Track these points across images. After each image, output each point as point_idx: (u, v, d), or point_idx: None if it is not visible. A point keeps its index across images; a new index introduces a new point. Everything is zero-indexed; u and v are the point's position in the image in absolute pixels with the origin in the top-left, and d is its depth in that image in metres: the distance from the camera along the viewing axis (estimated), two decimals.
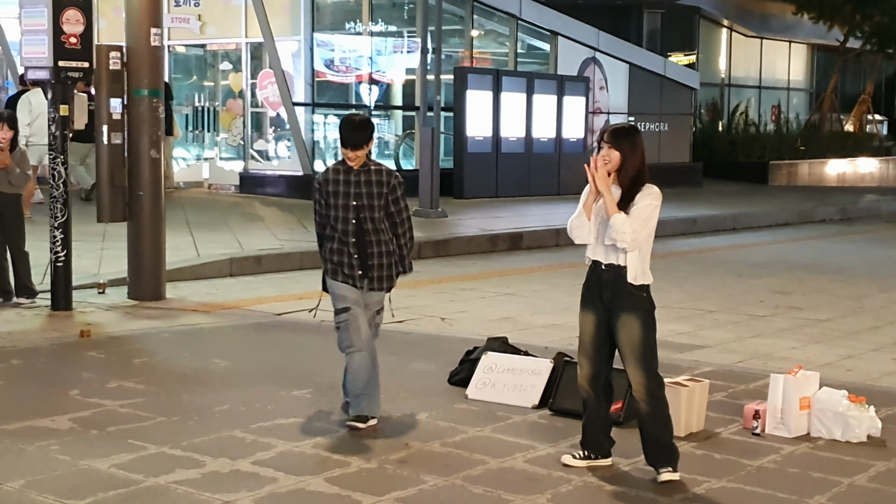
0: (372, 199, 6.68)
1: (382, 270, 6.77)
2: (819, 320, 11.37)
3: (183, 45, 22.92)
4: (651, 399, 5.84)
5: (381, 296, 6.90)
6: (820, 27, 39.09)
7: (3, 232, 10.54)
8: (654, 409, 5.84)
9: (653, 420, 5.83)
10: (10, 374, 7.95)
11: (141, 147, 10.98)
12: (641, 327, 5.83)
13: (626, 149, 5.77)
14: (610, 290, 5.84)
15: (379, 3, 23.14)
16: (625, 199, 5.74)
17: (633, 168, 5.77)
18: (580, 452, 6.04)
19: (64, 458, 5.98)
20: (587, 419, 6.07)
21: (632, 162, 5.77)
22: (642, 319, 5.83)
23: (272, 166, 22.10)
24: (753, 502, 5.68)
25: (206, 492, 5.49)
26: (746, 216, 22.35)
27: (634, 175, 5.77)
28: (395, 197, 6.79)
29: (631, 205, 5.73)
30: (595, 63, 27.38)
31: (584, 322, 6.04)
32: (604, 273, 5.86)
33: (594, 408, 6.03)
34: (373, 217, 6.70)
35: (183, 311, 10.70)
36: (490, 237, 17.05)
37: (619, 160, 5.77)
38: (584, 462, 6.00)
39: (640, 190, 5.78)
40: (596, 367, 5.99)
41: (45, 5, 10.20)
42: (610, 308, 5.86)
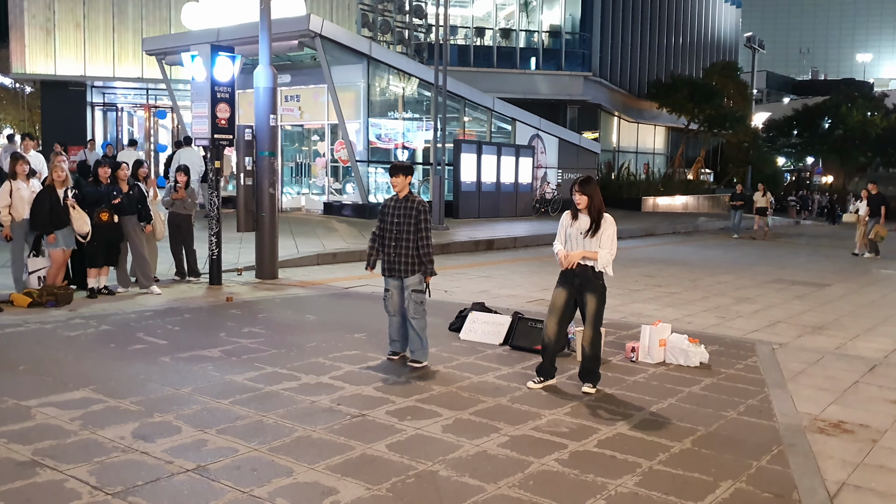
0: (409, 220, 6.39)
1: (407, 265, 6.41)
2: (671, 293, 11.37)
3: (289, 125, 22.98)
4: (592, 345, 5.87)
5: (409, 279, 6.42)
6: (673, 116, 39.36)
7: (181, 237, 10.64)
8: (593, 350, 5.88)
9: (590, 356, 5.88)
10: (183, 322, 8.05)
11: (263, 187, 11.04)
12: (598, 303, 5.83)
13: (590, 192, 5.73)
14: (580, 278, 5.80)
15: (408, 99, 23.17)
16: (595, 226, 5.72)
17: (597, 203, 5.74)
18: (537, 378, 6.03)
19: (215, 374, 6.09)
20: (545, 357, 6.03)
21: (596, 199, 5.73)
22: (599, 298, 5.83)
23: (343, 198, 22.15)
24: (630, 402, 5.74)
25: (300, 395, 5.60)
26: (628, 230, 22.38)
27: (599, 208, 5.75)
28: (420, 218, 6.40)
29: (599, 230, 5.71)
30: (538, 137, 27.40)
31: (558, 295, 5.93)
32: (576, 269, 5.79)
33: (552, 350, 6.01)
34: (406, 231, 6.38)
35: (288, 286, 10.75)
36: (474, 241, 17.08)
37: (587, 201, 5.72)
38: (541, 384, 5.98)
39: (602, 218, 5.74)
40: (560, 325, 5.96)
41: (206, 101, 10.29)
42: (579, 289, 5.83)
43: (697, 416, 5.42)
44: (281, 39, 17.29)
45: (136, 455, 4.37)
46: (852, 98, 48.40)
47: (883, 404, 5.93)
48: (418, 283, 6.43)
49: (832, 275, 14.43)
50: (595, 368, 5.91)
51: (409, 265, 6.40)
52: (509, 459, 4.48)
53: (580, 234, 5.76)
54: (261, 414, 5.14)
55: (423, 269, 6.43)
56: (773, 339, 8.25)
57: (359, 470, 4.25)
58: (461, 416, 5.23)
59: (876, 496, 4.19)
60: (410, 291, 6.42)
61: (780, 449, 4.81)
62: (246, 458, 4.38)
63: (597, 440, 4.86)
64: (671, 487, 4.17)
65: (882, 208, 18.40)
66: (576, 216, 5.85)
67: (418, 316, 6.44)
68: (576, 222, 5.83)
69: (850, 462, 4.67)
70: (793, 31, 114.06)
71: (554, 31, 34.42)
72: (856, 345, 8.15)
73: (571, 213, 5.89)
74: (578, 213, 5.81)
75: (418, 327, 6.45)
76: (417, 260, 6.41)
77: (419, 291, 6.44)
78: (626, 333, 8.05)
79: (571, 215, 5.89)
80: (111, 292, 9.43)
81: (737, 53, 49.99)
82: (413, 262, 6.40)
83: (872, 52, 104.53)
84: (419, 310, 6.44)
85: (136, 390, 5.57)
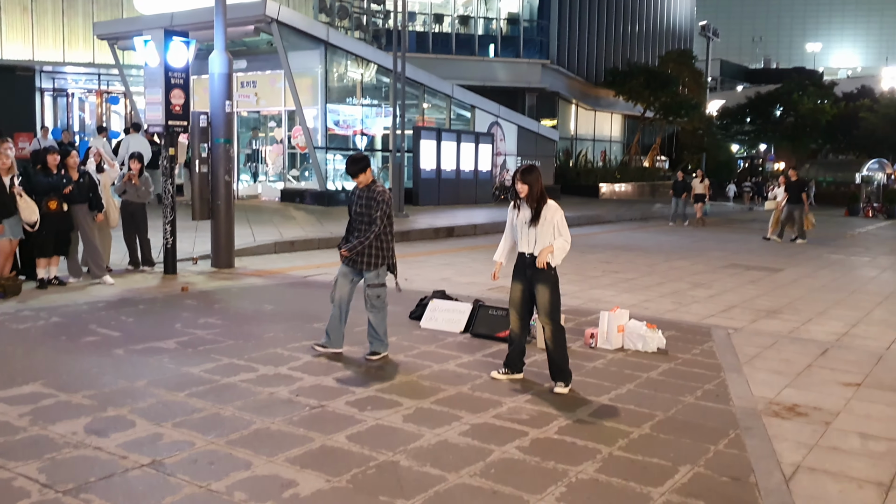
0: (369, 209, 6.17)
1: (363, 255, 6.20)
2: (628, 279, 11.45)
3: (245, 111, 22.64)
4: (554, 340, 5.68)
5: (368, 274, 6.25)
6: (629, 104, 39.68)
7: (134, 225, 10.41)
8: (556, 345, 5.67)
9: (554, 351, 5.69)
10: (137, 313, 7.87)
11: (219, 174, 10.85)
12: (550, 293, 5.68)
13: (530, 181, 5.61)
14: (531, 269, 5.69)
15: (366, 86, 23.00)
16: (536, 213, 5.60)
17: (537, 192, 5.61)
18: (503, 370, 5.94)
19: (171, 366, 5.97)
20: (512, 349, 5.91)
21: (536, 189, 5.61)
22: (550, 288, 5.68)
23: (301, 185, 21.93)
24: (589, 388, 5.76)
25: (258, 386, 5.52)
26: (586, 217, 22.51)
27: (538, 197, 5.61)
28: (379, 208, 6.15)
29: (541, 217, 5.59)
30: (497, 125, 27.43)
31: (515, 288, 5.81)
32: (527, 259, 5.69)
33: (518, 342, 5.89)
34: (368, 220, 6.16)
35: (245, 275, 10.59)
36: (434, 229, 17.03)
37: (527, 190, 5.60)
38: (506, 376, 5.88)
39: (544, 204, 5.61)
40: (521, 317, 5.83)
41: (160, 87, 10.06)
42: (531, 280, 5.72)
43: (656, 402, 5.46)
44: (236, 25, 17.00)
45: (89, 451, 4.26)
46: (803, 86, 49.25)
47: (835, 387, 6.04)
48: (375, 277, 6.26)
49: (784, 259, 14.69)
50: (564, 366, 5.67)
51: (369, 258, 6.20)
52: (470, 448, 4.46)
53: (524, 224, 5.66)
54: (218, 406, 5.04)
55: (382, 263, 6.24)
56: (728, 323, 8.36)
57: (318, 462, 4.19)
58: (422, 405, 5.20)
59: (829, 477, 4.26)
60: (367, 286, 6.26)
61: (736, 433, 4.87)
62: (203, 452, 4.29)
63: (557, 427, 4.86)
64: (631, 473, 4.19)
65: (802, 195, 18.33)
66: (518, 206, 5.74)
67: (376, 309, 6.28)
68: (520, 213, 5.72)
69: (805, 444, 4.74)
70: (745, 20, 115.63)
71: (512, 18, 34.41)
72: (809, 328, 8.30)
73: (515, 204, 5.78)
74: (521, 202, 5.71)
75: (376, 321, 6.30)
76: (378, 253, 6.21)
77: (375, 286, 6.26)
78: (584, 320, 8.09)
79: (515, 206, 5.78)
80: (62, 283, 9.19)
81: (692, 42, 50.51)
82: (374, 255, 6.20)
83: (822, 41, 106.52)
84: (377, 303, 6.27)
85: (88, 384, 5.43)
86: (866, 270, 13.66)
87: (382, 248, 6.22)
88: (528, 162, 5.53)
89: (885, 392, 5.94)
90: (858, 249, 17.58)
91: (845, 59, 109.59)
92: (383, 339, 6.37)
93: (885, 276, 13.01)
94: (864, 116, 45.98)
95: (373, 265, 6.22)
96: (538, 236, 5.62)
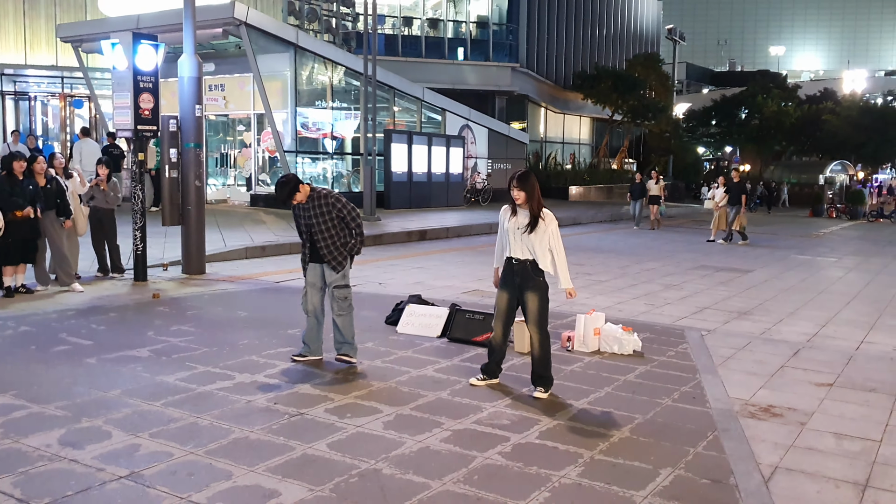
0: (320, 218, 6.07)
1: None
2: (601, 281, 11.52)
3: (214, 115, 22.42)
4: (540, 347, 5.67)
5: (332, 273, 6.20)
6: (598, 107, 39.98)
7: (103, 232, 10.26)
8: (542, 352, 5.66)
9: (539, 359, 5.67)
10: (108, 322, 7.75)
11: (189, 179, 10.74)
12: (539, 301, 5.64)
13: (527, 188, 5.55)
14: (520, 276, 5.63)
15: (336, 89, 22.90)
16: (533, 221, 5.54)
17: (536, 201, 5.56)
18: (481, 376, 5.89)
19: (145, 375, 5.89)
20: (491, 357, 5.86)
21: (535, 197, 5.56)
22: (540, 296, 5.64)
23: (270, 189, 21.76)
24: (568, 391, 5.78)
25: (235, 395, 5.47)
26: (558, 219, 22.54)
27: (537, 204, 5.57)
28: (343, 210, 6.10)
29: (538, 226, 5.54)
30: (468, 128, 27.45)
31: (501, 298, 5.74)
32: (515, 266, 5.62)
33: (498, 350, 5.85)
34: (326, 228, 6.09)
35: (217, 280, 10.50)
36: (407, 232, 17.00)
37: (525, 197, 5.54)
38: (484, 382, 5.84)
39: (541, 213, 5.57)
40: (505, 326, 5.80)
41: (129, 90, 9.92)
42: (520, 288, 5.66)
43: (634, 405, 5.50)
44: (205, 27, 16.82)
45: (65, 463, 4.18)
46: (768, 89, 49.98)
47: (808, 387, 6.13)
48: (341, 278, 6.19)
49: (753, 260, 14.89)
50: (546, 372, 5.68)
51: (336, 258, 6.13)
52: (452, 454, 4.46)
53: (518, 230, 5.58)
54: (195, 415, 4.98)
55: (346, 263, 6.18)
56: (701, 325, 8.46)
57: (300, 471, 4.16)
58: (402, 411, 5.18)
59: (807, 477, 4.32)
60: (333, 288, 6.19)
61: (714, 434, 4.92)
62: (182, 463, 4.23)
63: (538, 431, 4.87)
64: (613, 477, 4.21)
65: (743, 197, 18.05)
66: (515, 211, 5.65)
67: (343, 313, 6.22)
68: (514, 218, 5.63)
69: (782, 445, 4.80)
70: (711, 23, 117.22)
71: (481, 21, 34.49)
72: (780, 329, 8.42)
73: (511, 208, 5.69)
74: (517, 208, 5.64)
75: (344, 324, 6.23)
76: (343, 252, 6.15)
77: (342, 287, 6.20)
78: (560, 322, 8.12)
79: (511, 210, 5.68)
80: (30, 291, 9.02)
81: (658, 45, 51.03)
82: (341, 255, 6.15)
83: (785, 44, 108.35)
84: (343, 306, 6.22)
85: (61, 394, 5.33)
86: (833, 271, 13.90)
87: (346, 246, 6.17)
88: (520, 170, 5.41)
89: (856, 392, 6.04)
90: (824, 250, 17.88)
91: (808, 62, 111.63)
92: (353, 342, 6.31)
93: (851, 276, 13.25)
94: (826, 119, 46.78)
95: (340, 265, 6.16)
96: (532, 244, 5.57)
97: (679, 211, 31.11)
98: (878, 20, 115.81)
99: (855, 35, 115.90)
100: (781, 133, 48.10)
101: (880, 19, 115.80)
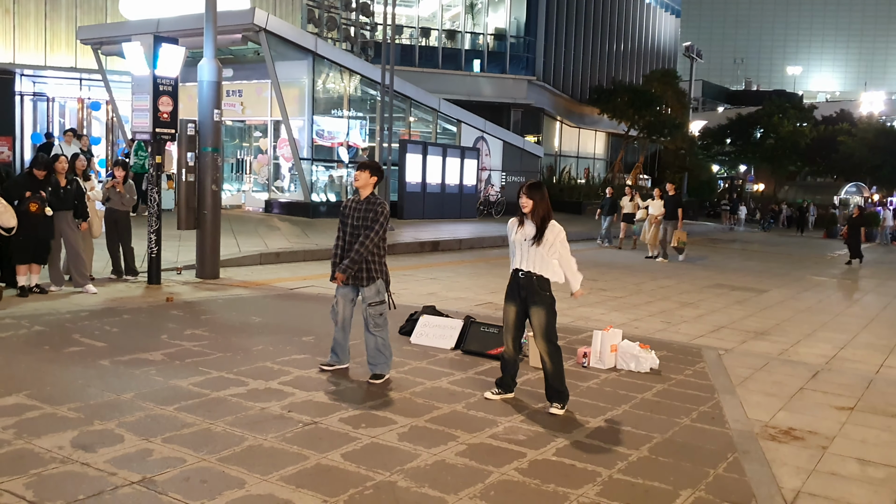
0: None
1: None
2: (616, 297, 11.44)
3: (231, 120, 22.49)
4: (551, 361, 5.52)
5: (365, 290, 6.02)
6: (613, 122, 39.94)
7: (118, 233, 10.27)
8: (553, 366, 5.52)
9: (552, 373, 5.55)
10: (122, 324, 7.72)
11: (206, 183, 10.73)
12: (546, 315, 5.52)
13: (536, 197, 5.46)
14: (525, 290, 5.53)
15: (353, 98, 22.95)
16: (539, 231, 5.44)
17: (542, 209, 5.46)
18: (496, 390, 5.81)
19: (159, 378, 5.84)
20: (505, 371, 5.79)
21: (542, 206, 5.46)
22: (547, 310, 5.52)
23: (286, 196, 21.79)
24: (585, 408, 5.70)
25: (249, 401, 5.41)
26: (570, 234, 22.32)
27: (544, 214, 5.46)
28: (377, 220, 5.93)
29: (545, 237, 5.43)
30: (483, 140, 27.47)
31: (508, 311, 5.63)
32: (521, 279, 5.52)
33: (511, 364, 5.77)
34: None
35: (231, 286, 10.47)
36: (420, 243, 16.98)
37: (532, 206, 5.45)
38: (499, 396, 5.76)
39: (548, 224, 5.46)
40: (515, 339, 5.69)
41: (148, 93, 9.93)
42: (525, 301, 5.56)
43: (652, 423, 5.41)
44: (224, 33, 16.88)
45: (77, 466, 4.13)
46: (783, 109, 49.86)
47: (829, 410, 6.03)
48: (375, 294, 5.99)
49: (769, 280, 14.77)
50: (561, 387, 5.55)
51: (368, 272, 5.96)
52: (468, 469, 4.39)
53: (524, 241, 5.48)
54: (208, 421, 4.93)
55: (379, 277, 6.02)
56: (718, 344, 8.36)
57: (314, 481, 4.10)
58: (417, 423, 5.12)
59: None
60: (367, 305, 5.99)
61: (734, 456, 4.83)
62: (195, 469, 4.18)
63: (555, 448, 4.80)
64: (632, 497, 4.13)
65: (679, 210, 17.19)
66: (522, 222, 5.56)
67: (379, 329, 6.03)
68: (521, 229, 5.54)
69: (804, 469, 4.71)
70: (727, 42, 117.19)
71: (499, 33, 34.58)
72: (798, 350, 8.32)
73: (518, 220, 5.59)
74: (525, 218, 5.56)
75: (380, 343, 6.04)
76: (377, 267, 6.00)
77: (376, 304, 6.00)
78: (575, 338, 8.05)
79: (518, 221, 5.59)
80: (44, 291, 9.02)
81: (675, 62, 51.04)
82: (373, 270, 5.98)
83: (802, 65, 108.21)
84: (380, 321, 6.02)
85: (74, 396, 5.30)
86: (849, 293, 13.76)
87: (378, 262, 6.04)
88: (532, 179, 5.33)
89: (878, 417, 5.94)
90: (840, 272, 17.72)
91: (824, 82, 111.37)
92: (389, 358, 6.16)
93: (868, 298, 13.11)
94: (842, 140, 46.61)
95: (373, 279, 5.98)
96: (538, 256, 5.48)
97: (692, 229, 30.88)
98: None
99: (872, 57, 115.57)
100: (796, 153, 47.97)
101: None
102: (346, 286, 6.08)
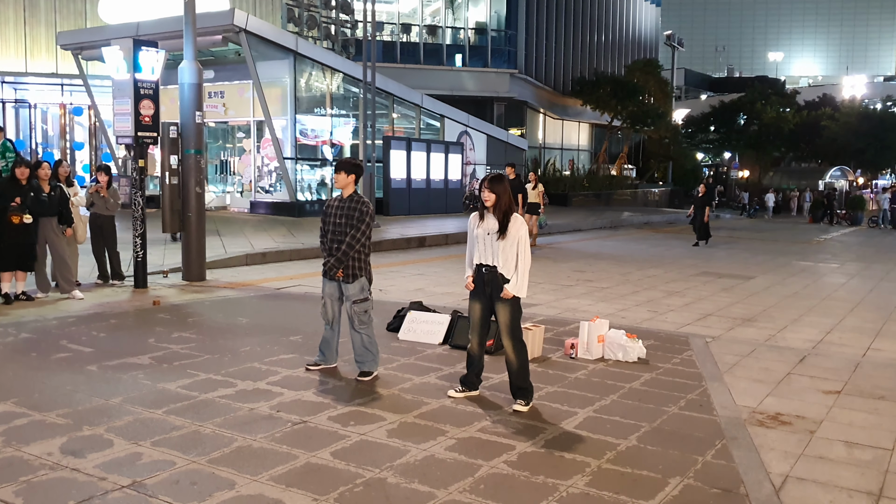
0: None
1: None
2: (603, 287, 11.48)
3: (213, 122, 22.41)
4: (516, 357, 5.45)
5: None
6: (596, 113, 40.03)
7: (103, 238, 10.22)
8: (518, 363, 5.45)
9: (516, 370, 5.48)
10: (109, 329, 7.70)
11: (189, 186, 10.71)
12: (511, 311, 5.43)
13: (498, 191, 5.39)
14: (490, 286, 5.43)
15: (336, 96, 22.93)
16: (502, 226, 5.35)
17: (504, 203, 5.38)
18: (459, 388, 5.73)
19: (147, 382, 5.83)
20: (470, 369, 5.71)
21: (504, 199, 5.38)
22: (512, 306, 5.42)
23: (270, 196, 21.73)
24: (573, 399, 5.72)
25: (237, 402, 5.41)
26: (557, 226, 22.60)
27: (506, 208, 5.38)
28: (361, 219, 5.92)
29: (508, 230, 5.34)
30: (467, 134, 27.52)
31: (474, 309, 5.56)
32: (485, 275, 5.44)
33: (477, 361, 5.70)
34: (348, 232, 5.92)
35: (218, 287, 10.45)
36: (406, 239, 16.98)
37: (494, 199, 5.37)
38: (463, 394, 5.67)
39: (510, 218, 5.38)
40: (481, 336, 5.64)
41: (129, 97, 9.89)
42: (491, 297, 5.47)
43: (640, 412, 5.44)
44: (205, 34, 16.81)
45: (66, 472, 4.12)
46: (766, 95, 50.06)
47: (816, 395, 6.08)
48: (359, 291, 5.98)
49: (755, 267, 14.86)
50: (524, 384, 5.46)
51: (353, 269, 5.94)
52: (458, 463, 4.40)
53: (487, 235, 5.40)
54: (197, 424, 4.92)
55: (363, 275, 5.98)
56: (705, 331, 8.41)
57: (304, 480, 4.10)
58: (406, 419, 5.13)
59: (819, 487, 4.27)
60: (351, 303, 5.97)
61: (723, 443, 4.87)
62: (184, 472, 4.17)
63: (544, 440, 4.82)
64: (621, 486, 4.16)
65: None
66: (482, 217, 5.47)
67: (364, 326, 6.02)
68: (483, 223, 5.45)
69: (792, 454, 4.75)
70: (709, 30, 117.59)
71: (480, 28, 34.56)
72: (785, 336, 8.37)
73: (479, 214, 5.50)
74: (486, 212, 5.45)
75: (366, 340, 6.04)
76: (361, 265, 5.97)
77: (360, 301, 5.97)
78: (563, 329, 8.08)
79: (479, 216, 5.50)
80: (29, 298, 8.97)
81: (657, 51, 51.18)
82: (357, 267, 5.95)
83: (783, 50, 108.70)
84: (364, 319, 6.01)
85: (62, 402, 5.27)
86: (835, 277, 13.86)
87: (362, 259, 6.01)
88: (496, 170, 5.25)
89: (865, 399, 5.99)
90: (825, 256, 17.86)
91: (806, 68, 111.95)
92: (377, 355, 6.16)
93: (854, 282, 13.21)
94: (825, 125, 46.86)
95: (356, 276, 5.96)
96: (502, 250, 5.38)
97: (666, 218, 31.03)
98: (877, 26, 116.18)
99: (853, 41, 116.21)
100: (780, 139, 48.19)
101: (879, 25, 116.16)
102: (333, 284, 6.06)
